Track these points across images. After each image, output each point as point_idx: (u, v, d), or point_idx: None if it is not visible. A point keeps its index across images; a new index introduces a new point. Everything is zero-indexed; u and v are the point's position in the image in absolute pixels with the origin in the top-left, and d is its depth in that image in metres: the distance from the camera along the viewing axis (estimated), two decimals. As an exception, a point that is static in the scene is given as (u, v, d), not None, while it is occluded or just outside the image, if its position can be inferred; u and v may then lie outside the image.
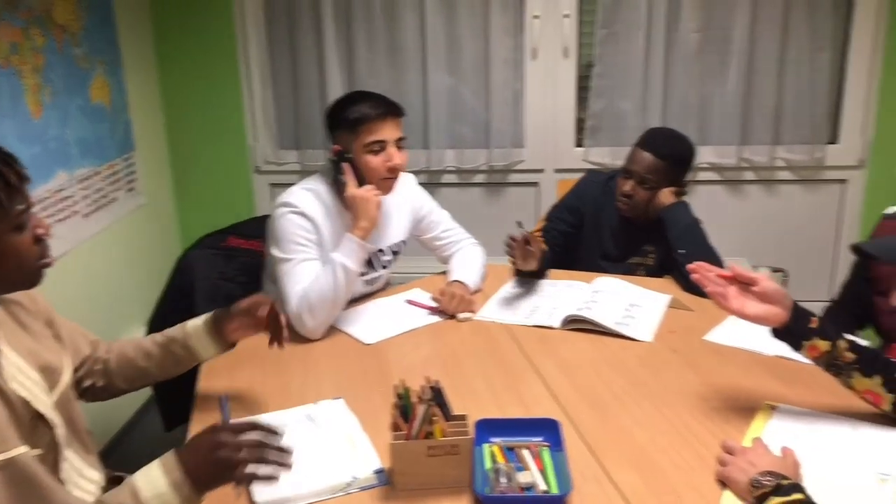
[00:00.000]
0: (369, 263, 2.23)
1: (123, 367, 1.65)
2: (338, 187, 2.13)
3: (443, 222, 2.42)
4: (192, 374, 1.77)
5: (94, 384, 1.61)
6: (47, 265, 1.32)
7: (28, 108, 2.45)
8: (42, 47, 2.53)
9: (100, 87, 2.89)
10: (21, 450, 1.13)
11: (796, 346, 1.51)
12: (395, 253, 2.34)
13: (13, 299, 1.39)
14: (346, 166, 2.08)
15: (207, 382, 1.80)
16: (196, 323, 1.68)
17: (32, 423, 1.27)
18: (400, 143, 2.13)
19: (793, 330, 1.49)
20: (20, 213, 1.23)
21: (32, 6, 2.48)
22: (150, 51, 3.36)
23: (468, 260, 2.36)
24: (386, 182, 2.13)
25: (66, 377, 1.43)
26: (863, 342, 1.55)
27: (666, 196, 2.37)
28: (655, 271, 2.49)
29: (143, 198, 3.25)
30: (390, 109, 2.09)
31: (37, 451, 1.23)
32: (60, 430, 1.35)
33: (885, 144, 3.26)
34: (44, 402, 1.31)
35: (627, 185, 2.40)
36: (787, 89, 3.23)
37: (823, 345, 1.48)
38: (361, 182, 2.08)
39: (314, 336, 2.03)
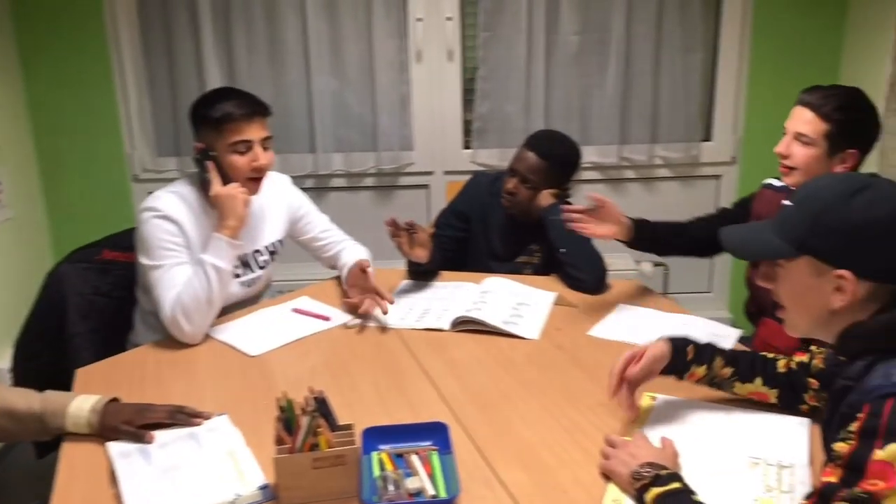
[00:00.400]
0: (246, 265, 2.18)
1: None
2: (204, 187, 2.06)
3: (320, 223, 2.40)
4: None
5: None
6: None
7: None
8: None
9: (-44, 94, 2.71)
10: None
11: (680, 377, 1.57)
12: (272, 253, 2.29)
13: None
14: (210, 164, 2.02)
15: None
16: (81, 407, 1.55)
17: None
18: (266, 143, 2.08)
19: (675, 366, 1.56)
20: None
21: None
22: (13, 56, 3.17)
23: (357, 253, 2.35)
24: (251, 182, 2.08)
25: None
26: (733, 348, 1.62)
27: (545, 198, 2.41)
28: (541, 269, 2.53)
29: (10, 211, 3.06)
30: (256, 109, 2.03)
31: None
32: None
33: (754, 141, 3.43)
34: None
35: (511, 183, 2.44)
36: (662, 90, 3.36)
37: (701, 370, 1.56)
38: (227, 181, 2.02)
39: (193, 341, 1.98)
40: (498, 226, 2.55)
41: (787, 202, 1.27)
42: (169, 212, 2.02)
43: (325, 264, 2.43)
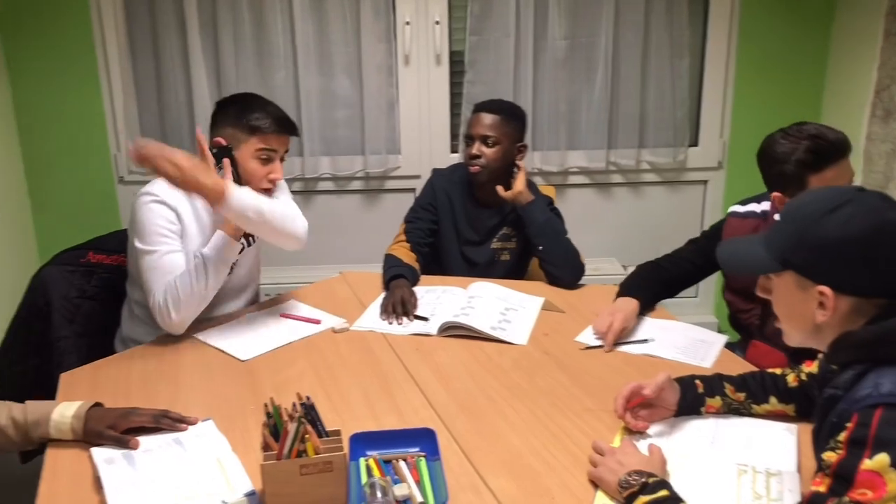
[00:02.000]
0: None
1: None
2: None
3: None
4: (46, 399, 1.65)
5: None
6: None
7: None
8: None
9: (-60, 95, 2.68)
10: None
11: (697, 412, 1.58)
12: (248, 236, 2.20)
13: None
14: (226, 162, 2.02)
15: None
16: (64, 413, 1.54)
17: None
18: (283, 158, 2.14)
19: (689, 402, 1.57)
20: None
21: None
22: (-2, 55, 3.15)
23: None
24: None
25: None
26: (739, 374, 1.63)
27: (524, 195, 2.45)
28: (519, 254, 2.59)
29: (-6, 212, 3.04)
30: (290, 129, 2.11)
31: None
32: None
33: (740, 146, 3.44)
34: None
35: (473, 148, 2.49)
36: (650, 95, 3.37)
37: (716, 401, 1.57)
38: (237, 181, 2.01)
39: (177, 331, 2.01)
40: (464, 211, 2.60)
41: (776, 217, 1.28)
42: (167, 198, 2.02)
43: None
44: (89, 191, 3.36)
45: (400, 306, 2.17)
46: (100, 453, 1.47)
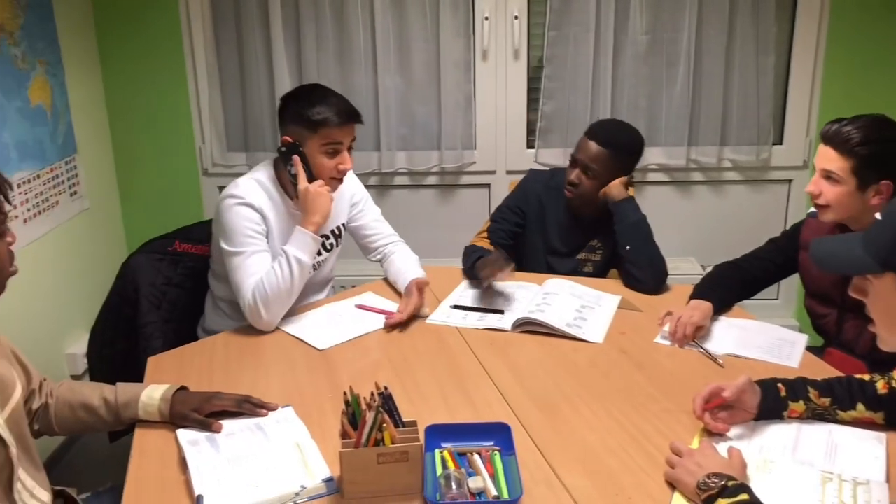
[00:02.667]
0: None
1: (63, 416, 1.60)
2: (283, 177, 2.14)
3: (372, 214, 2.42)
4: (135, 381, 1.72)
5: (29, 423, 1.51)
6: (14, 273, 1.35)
7: (-38, 110, 2.37)
8: (-24, 47, 2.45)
9: (39, 89, 2.80)
10: None
11: (779, 416, 1.54)
12: (336, 237, 2.33)
13: None
14: (296, 159, 2.07)
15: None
16: (152, 396, 1.61)
17: None
18: (351, 146, 2.15)
19: (770, 405, 1.53)
20: (3, 220, 1.27)
21: (-34, 4, 2.39)
22: (93, 50, 3.27)
23: (410, 260, 2.35)
24: (333, 181, 2.14)
25: (18, 393, 1.39)
26: (823, 379, 1.58)
27: (618, 190, 2.38)
28: (602, 267, 2.52)
29: (87, 202, 3.17)
30: (353, 117, 2.11)
31: None
32: (13, 450, 1.31)
33: (827, 145, 3.33)
34: None
35: (573, 174, 2.42)
36: (733, 92, 3.28)
37: (799, 406, 1.53)
38: (309, 177, 2.07)
39: (268, 328, 2.05)
40: (556, 222, 2.54)
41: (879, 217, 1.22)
42: (252, 200, 2.08)
43: (367, 253, 2.44)
44: (175, 182, 3.47)
45: (497, 263, 2.15)
46: (185, 435, 1.53)
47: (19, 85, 2.68)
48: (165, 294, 2.25)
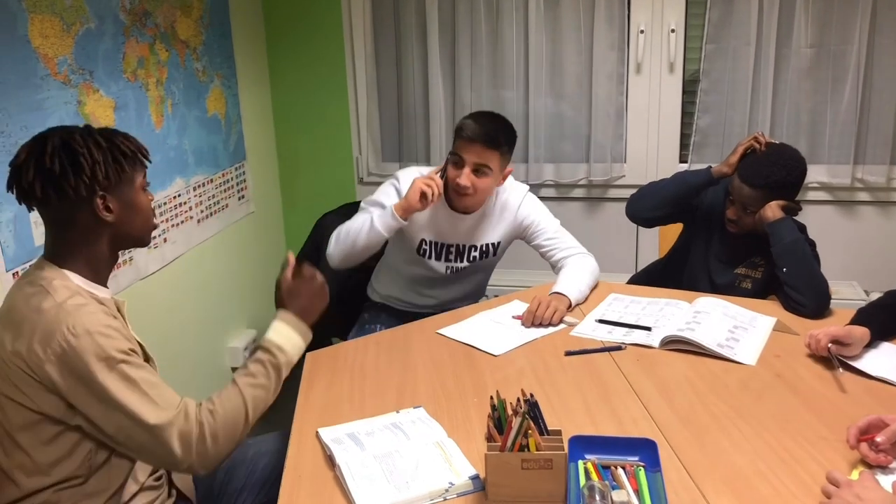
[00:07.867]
0: (458, 254, 2.49)
1: None
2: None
3: (548, 231, 2.48)
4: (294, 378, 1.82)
5: None
6: (156, 226, 1.59)
7: (151, 118, 2.61)
8: (166, 61, 2.69)
9: (216, 99, 3.04)
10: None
11: None
12: (483, 253, 2.48)
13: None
14: (447, 160, 2.35)
15: (308, 387, 1.87)
16: (299, 346, 1.64)
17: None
18: (482, 170, 2.28)
19: None
20: (144, 176, 1.50)
21: (158, 23, 2.63)
22: (264, 65, 3.50)
23: (574, 271, 2.38)
24: (454, 194, 2.34)
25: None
26: None
27: (773, 211, 2.29)
28: (761, 286, 2.42)
29: (253, 205, 3.39)
30: (483, 137, 2.26)
31: None
32: None
33: None
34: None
35: (731, 212, 2.38)
36: (906, 107, 3.09)
37: None
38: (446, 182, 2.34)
39: (331, 261, 2.38)
40: (721, 227, 2.47)
41: None
42: (401, 182, 2.38)
43: (554, 269, 2.50)
44: (332, 190, 3.64)
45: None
46: (326, 434, 1.59)
47: (199, 96, 2.92)
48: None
